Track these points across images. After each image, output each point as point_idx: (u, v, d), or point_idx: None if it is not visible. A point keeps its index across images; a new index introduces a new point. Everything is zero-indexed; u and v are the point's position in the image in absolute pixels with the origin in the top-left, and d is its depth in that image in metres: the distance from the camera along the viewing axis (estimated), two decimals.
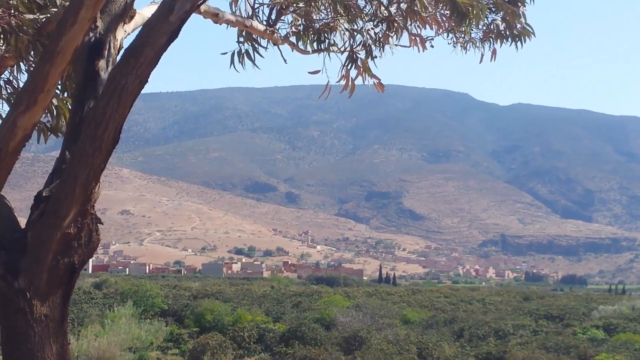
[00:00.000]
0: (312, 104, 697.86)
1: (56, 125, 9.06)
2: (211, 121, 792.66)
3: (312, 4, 10.63)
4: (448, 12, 10.78)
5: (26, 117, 6.45)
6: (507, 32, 11.25)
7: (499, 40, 11.34)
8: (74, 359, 49.87)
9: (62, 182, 7.09)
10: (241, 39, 10.64)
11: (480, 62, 11.29)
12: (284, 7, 10.74)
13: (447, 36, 11.26)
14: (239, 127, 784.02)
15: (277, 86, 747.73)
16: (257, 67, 10.29)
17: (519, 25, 11.20)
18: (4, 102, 9.25)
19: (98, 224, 7.41)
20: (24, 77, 9.12)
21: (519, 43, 11.38)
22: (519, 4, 11.01)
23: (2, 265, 7.11)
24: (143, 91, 6.99)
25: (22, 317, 7.04)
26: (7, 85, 9.25)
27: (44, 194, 7.17)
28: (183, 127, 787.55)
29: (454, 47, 11.44)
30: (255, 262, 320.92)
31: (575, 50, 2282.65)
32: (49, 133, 9.02)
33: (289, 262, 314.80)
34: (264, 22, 10.74)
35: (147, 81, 6.90)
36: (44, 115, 7.93)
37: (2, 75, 9.20)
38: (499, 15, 11.17)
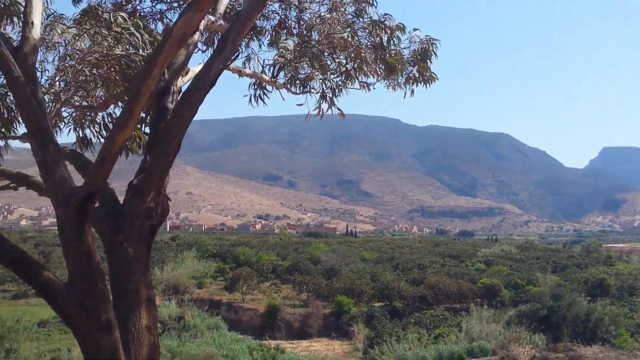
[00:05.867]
0: (303, 125, 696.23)
1: (132, 147, 9.09)
2: (241, 137, 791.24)
3: (299, 64, 10.64)
4: (383, 67, 10.79)
5: (120, 135, 6.43)
6: (420, 79, 11.23)
7: (415, 84, 11.32)
8: (157, 284, 49.90)
9: (145, 175, 7.11)
10: (255, 86, 10.71)
11: (404, 98, 11.27)
12: (282, 66, 10.76)
13: (383, 81, 11.21)
14: (258, 140, 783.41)
15: (282, 115, 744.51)
16: (265, 103, 10.38)
17: (427, 74, 11.19)
18: (107, 128, 9.25)
19: (168, 201, 7.45)
20: (118, 111, 9.14)
21: (428, 85, 11.38)
22: (428, 61, 11.00)
23: (109, 226, 7.13)
24: (199, 117, 7.06)
25: (121, 259, 7.05)
26: (109, 117, 9.22)
27: (134, 182, 7.19)
28: (224, 140, 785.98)
29: (387, 88, 11.41)
30: (270, 223, 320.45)
31: (465, 88, 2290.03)
32: (130, 151, 9.05)
33: (290, 223, 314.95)
34: (270, 75, 10.77)
35: (196, 112, 6.98)
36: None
37: (107, 111, 9.19)
38: (414, 67, 11.15)
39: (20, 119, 8.78)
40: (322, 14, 10.77)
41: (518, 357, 33.83)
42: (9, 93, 8.86)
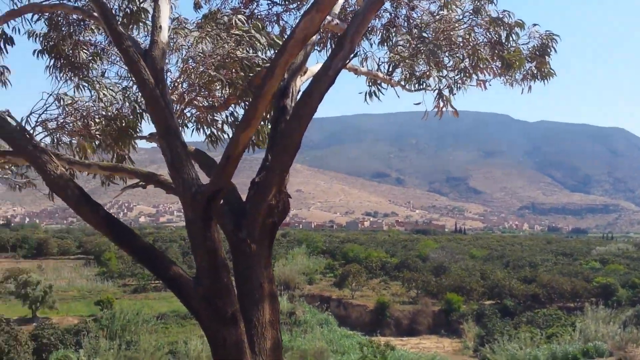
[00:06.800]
0: (410, 122, 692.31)
1: (258, 141, 9.27)
2: (349, 134, 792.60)
3: (414, 60, 10.58)
4: (499, 64, 10.60)
5: (244, 135, 6.59)
6: (538, 75, 10.97)
7: (533, 80, 11.07)
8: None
9: (267, 173, 7.27)
10: (369, 84, 10.74)
11: (521, 94, 11.02)
12: (397, 63, 10.74)
13: (500, 78, 11.00)
14: (366, 138, 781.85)
15: (389, 112, 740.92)
16: (380, 100, 10.39)
17: (545, 70, 10.93)
18: (230, 127, 9.49)
19: (288, 198, 7.57)
20: (240, 111, 9.38)
21: (546, 81, 11.11)
22: (546, 57, 10.74)
23: (233, 223, 7.30)
24: (317, 115, 7.12)
25: (244, 255, 7.20)
26: (230, 116, 9.45)
27: (256, 180, 7.33)
28: (333, 138, 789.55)
29: (504, 85, 11.21)
30: (378, 221, 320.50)
31: (578, 82, 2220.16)
32: (255, 146, 9.25)
33: (399, 220, 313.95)
34: (384, 73, 10.76)
35: (315, 111, 7.06)
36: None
37: (228, 109, 9.42)
38: (532, 64, 10.90)
39: (148, 119, 9.11)
40: (433, 11, 10.68)
41: (636, 358, 32.62)
42: (137, 93, 9.23)
